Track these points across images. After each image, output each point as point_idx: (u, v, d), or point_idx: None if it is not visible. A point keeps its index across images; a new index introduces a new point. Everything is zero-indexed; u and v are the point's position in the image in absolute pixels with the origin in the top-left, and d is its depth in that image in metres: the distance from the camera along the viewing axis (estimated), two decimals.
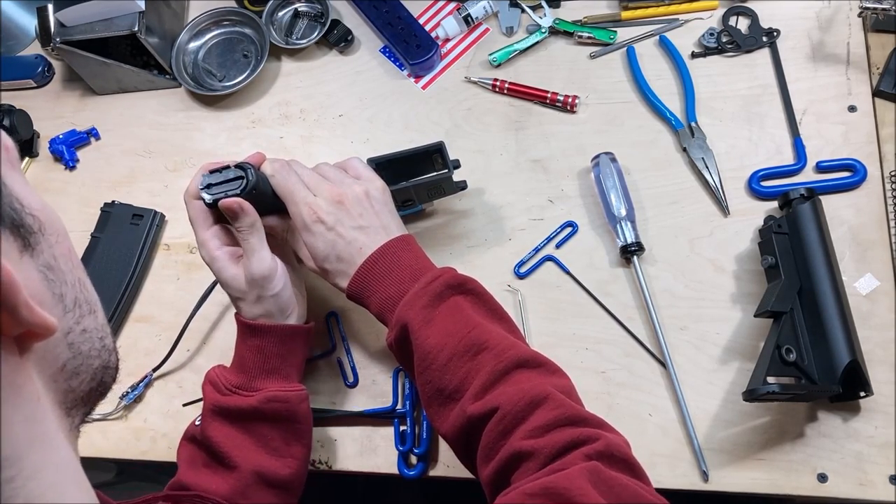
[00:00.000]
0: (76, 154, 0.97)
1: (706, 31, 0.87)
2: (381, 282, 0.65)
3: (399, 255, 0.65)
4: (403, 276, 0.64)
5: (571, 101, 0.86)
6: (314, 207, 0.66)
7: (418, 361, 0.61)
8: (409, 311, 0.62)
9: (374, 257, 0.65)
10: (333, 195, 0.67)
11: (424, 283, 0.62)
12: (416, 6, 0.96)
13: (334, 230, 0.66)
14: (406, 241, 0.67)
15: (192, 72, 0.98)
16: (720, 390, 0.72)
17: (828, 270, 0.69)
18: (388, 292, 0.64)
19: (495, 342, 0.59)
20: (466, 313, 0.61)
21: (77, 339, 0.38)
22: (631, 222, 0.78)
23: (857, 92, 0.82)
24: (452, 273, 0.64)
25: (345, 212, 0.66)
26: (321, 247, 0.66)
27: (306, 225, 0.66)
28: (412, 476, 0.73)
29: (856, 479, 0.67)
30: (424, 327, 0.61)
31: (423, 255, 0.67)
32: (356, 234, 0.66)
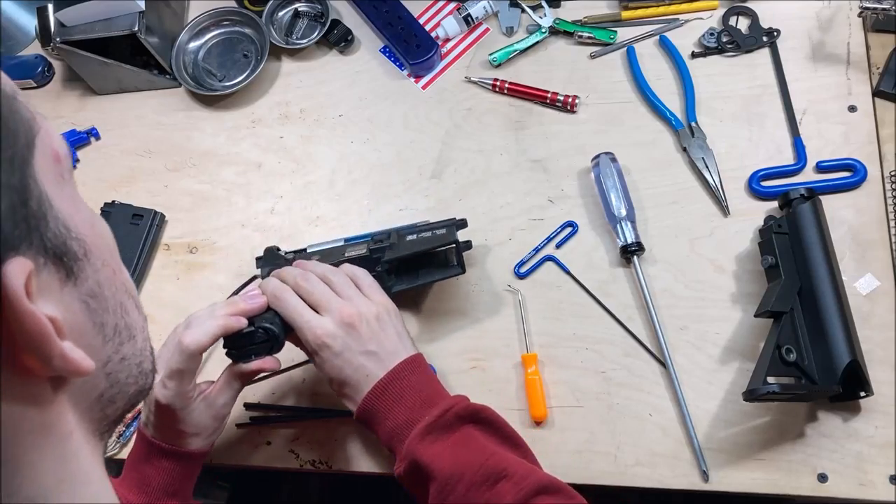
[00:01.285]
0: (76, 154, 0.97)
1: (706, 31, 0.87)
2: (391, 410, 0.62)
3: (407, 381, 0.63)
4: (413, 403, 0.62)
5: (571, 101, 0.86)
6: (319, 332, 0.63)
7: (433, 497, 0.58)
8: (418, 445, 0.59)
9: (381, 385, 0.62)
10: (344, 316, 0.63)
11: (435, 416, 0.60)
12: (416, 6, 0.96)
13: (341, 356, 0.63)
14: (415, 364, 0.64)
15: (192, 72, 0.98)
16: (720, 390, 0.72)
17: (828, 270, 0.69)
18: (396, 421, 0.61)
19: (513, 469, 0.57)
20: (479, 442, 0.59)
21: (115, 368, 0.37)
22: (631, 222, 0.78)
23: (857, 92, 0.82)
24: (464, 403, 0.62)
25: (354, 336, 0.63)
26: (328, 371, 0.64)
27: (313, 350, 0.64)
28: None
29: (856, 479, 0.67)
30: (437, 460, 0.58)
31: (432, 378, 0.65)
32: (363, 360, 0.63)
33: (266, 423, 0.78)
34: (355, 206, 0.88)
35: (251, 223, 0.88)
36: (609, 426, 0.72)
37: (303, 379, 0.80)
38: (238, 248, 0.87)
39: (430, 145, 0.89)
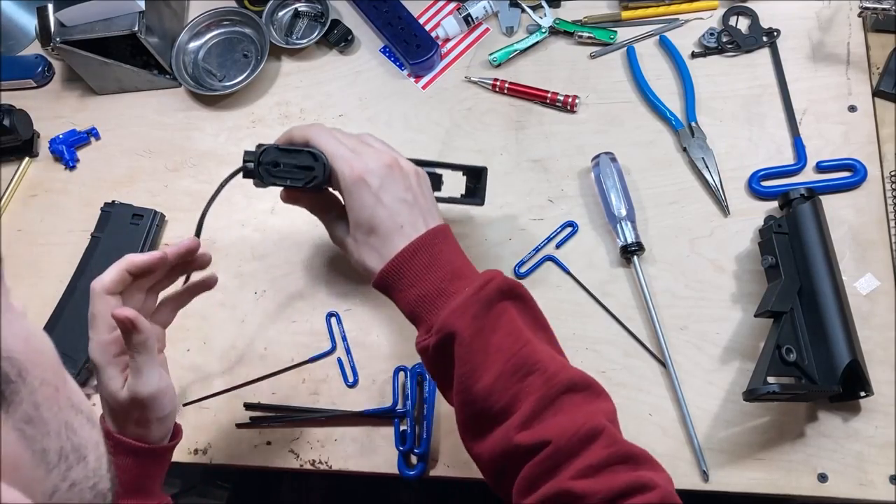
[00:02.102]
0: (76, 154, 0.97)
1: (706, 31, 0.87)
2: (421, 277, 0.58)
3: (440, 247, 0.59)
4: (444, 271, 0.58)
5: (571, 101, 0.86)
6: (357, 165, 0.59)
7: (460, 377, 0.55)
8: (458, 319, 0.55)
9: (414, 246, 0.58)
10: (383, 157, 0.60)
11: (476, 288, 0.56)
12: (416, 6, 0.96)
13: (377, 195, 0.59)
14: (446, 233, 0.61)
15: (192, 72, 0.98)
16: (720, 390, 0.72)
17: (828, 270, 0.69)
18: (426, 289, 0.58)
19: (545, 363, 0.54)
20: (516, 325, 0.56)
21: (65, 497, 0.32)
22: (631, 222, 0.78)
23: (857, 92, 0.82)
24: (502, 277, 0.58)
25: (392, 178, 0.60)
26: (357, 210, 0.59)
27: (347, 184, 0.59)
28: (412, 476, 0.73)
29: (856, 479, 0.67)
30: (475, 339, 0.55)
31: (461, 250, 0.62)
32: (400, 207, 0.59)
33: (266, 423, 0.78)
34: None
35: (251, 223, 0.88)
36: None
37: (303, 379, 0.80)
38: (238, 248, 0.87)
39: (430, 145, 0.89)
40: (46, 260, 0.91)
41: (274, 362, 0.81)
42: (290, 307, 0.83)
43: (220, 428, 0.79)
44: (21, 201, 0.96)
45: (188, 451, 0.78)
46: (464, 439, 0.58)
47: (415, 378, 0.76)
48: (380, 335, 0.80)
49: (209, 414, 0.80)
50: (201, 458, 0.78)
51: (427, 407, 0.75)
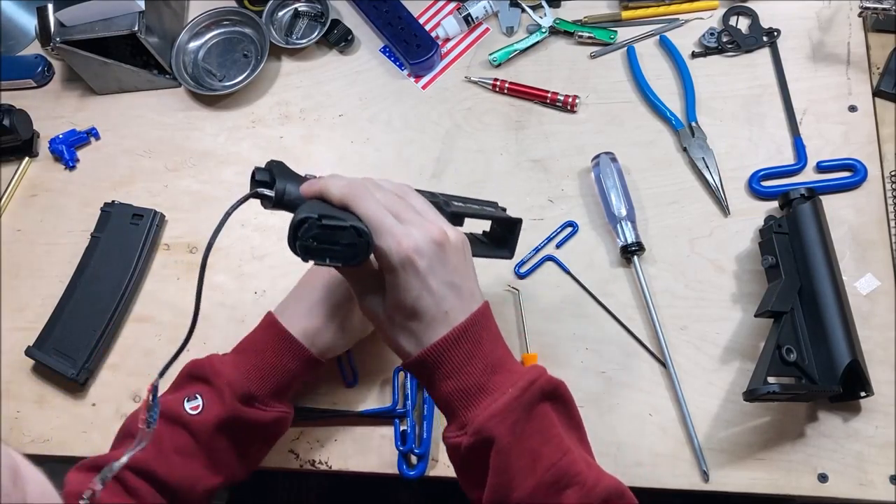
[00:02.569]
0: (76, 154, 0.97)
1: (706, 31, 0.87)
2: (460, 368, 0.54)
3: (482, 334, 0.55)
4: (484, 365, 0.54)
5: (571, 101, 0.86)
6: (406, 244, 0.52)
7: (495, 486, 0.53)
8: (499, 424, 0.52)
9: (456, 334, 0.54)
10: (432, 232, 0.53)
11: (520, 390, 0.53)
12: (416, 6, 0.96)
13: (424, 280, 0.53)
14: (487, 315, 0.57)
15: (192, 72, 0.98)
16: (720, 390, 0.72)
17: (828, 270, 0.69)
18: (465, 382, 0.54)
19: (584, 475, 0.52)
20: (556, 430, 0.54)
21: None
22: (631, 222, 0.78)
23: (857, 92, 0.82)
24: (546, 376, 0.55)
25: (441, 259, 0.54)
26: (400, 293, 0.53)
27: (392, 263, 0.52)
28: (412, 476, 0.73)
29: (856, 479, 0.67)
30: (514, 447, 0.52)
31: (500, 335, 0.58)
32: (446, 291, 0.54)
33: None
34: None
35: (251, 223, 0.88)
36: (609, 426, 0.72)
37: None
38: (238, 248, 0.87)
39: (430, 145, 0.89)
40: (46, 260, 0.91)
41: None
42: None
43: None
44: (21, 201, 0.96)
45: None
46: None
47: (414, 378, 0.76)
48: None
49: None
50: None
51: (427, 407, 0.75)
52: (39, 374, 0.84)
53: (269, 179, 0.54)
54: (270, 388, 0.65)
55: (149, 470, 0.61)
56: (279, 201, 0.54)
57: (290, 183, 0.55)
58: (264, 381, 0.65)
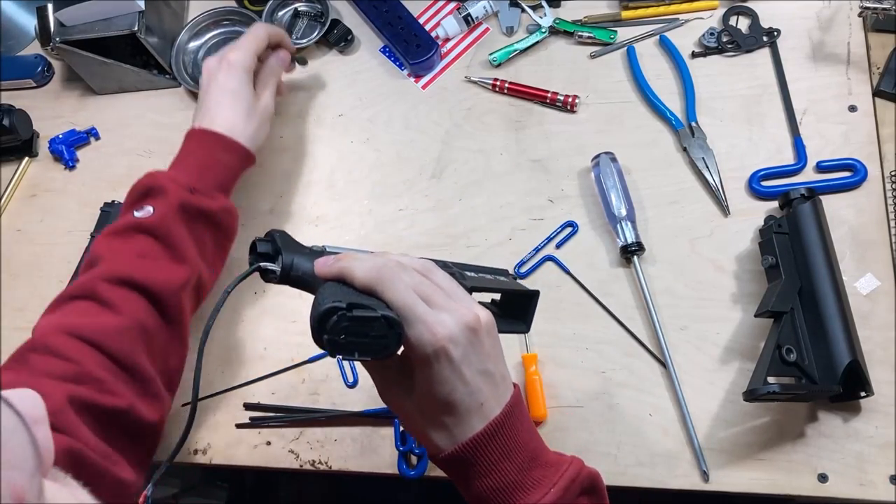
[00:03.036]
0: (76, 154, 0.97)
1: (706, 31, 0.87)
2: (497, 465, 0.50)
3: (517, 426, 0.51)
4: (523, 461, 0.51)
5: (571, 100, 0.86)
6: (441, 332, 0.48)
7: None
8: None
9: (492, 428, 0.50)
10: (466, 317, 0.49)
11: (562, 490, 0.50)
12: (416, 6, 0.96)
13: (458, 370, 0.48)
14: (520, 403, 0.53)
15: (192, 72, 0.98)
16: (720, 390, 0.72)
17: (828, 270, 0.69)
18: (503, 480, 0.50)
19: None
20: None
21: None
22: (631, 222, 0.78)
23: (857, 92, 0.82)
24: (586, 471, 0.53)
25: (475, 346, 0.49)
26: (434, 385, 0.49)
27: (425, 354, 0.48)
28: (412, 476, 0.73)
29: (856, 479, 0.67)
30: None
31: (531, 421, 0.54)
32: (481, 381, 0.50)
33: (266, 423, 0.78)
34: (355, 206, 0.88)
35: (251, 223, 0.88)
36: (609, 426, 0.72)
37: (302, 379, 0.80)
38: (238, 248, 0.87)
39: (430, 145, 0.89)
40: (46, 260, 0.91)
41: (274, 362, 0.81)
42: (290, 307, 0.83)
43: (219, 428, 0.79)
44: (21, 201, 0.96)
45: (188, 451, 0.78)
46: None
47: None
48: None
49: (209, 414, 0.80)
50: (201, 458, 0.78)
51: None
52: None
53: (271, 251, 0.51)
54: (212, 182, 0.73)
55: (123, 275, 0.65)
56: (286, 277, 0.51)
57: (297, 256, 0.51)
58: (204, 175, 0.73)
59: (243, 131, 0.76)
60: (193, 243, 0.70)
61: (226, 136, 0.75)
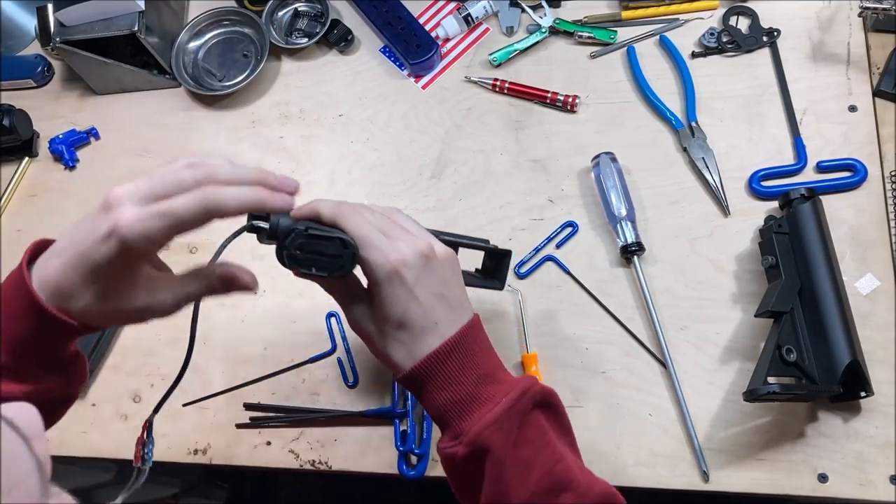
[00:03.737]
0: (76, 154, 0.97)
1: (706, 31, 0.87)
2: (453, 380, 0.54)
3: (473, 346, 0.56)
4: (478, 374, 0.55)
5: (571, 100, 0.86)
6: (393, 257, 0.53)
7: (492, 494, 0.53)
8: (494, 434, 0.52)
9: (447, 347, 0.54)
10: (419, 245, 0.54)
11: (513, 400, 0.53)
12: (416, 6, 0.96)
13: (412, 291, 0.53)
14: (478, 327, 0.57)
15: (192, 72, 0.98)
16: (720, 390, 0.72)
17: (828, 270, 0.69)
18: (458, 393, 0.54)
19: (578, 480, 0.53)
20: (549, 438, 0.55)
21: None
22: (631, 222, 0.78)
23: (857, 92, 0.82)
24: (538, 386, 0.56)
25: (429, 270, 0.54)
26: (389, 305, 0.54)
27: (380, 276, 0.53)
28: (412, 476, 0.73)
29: (856, 479, 0.67)
30: (508, 456, 0.52)
31: (490, 344, 0.58)
32: (435, 302, 0.54)
33: (266, 423, 0.78)
34: None
35: None
36: (609, 426, 0.72)
37: (303, 379, 0.80)
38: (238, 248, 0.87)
39: (430, 145, 0.89)
40: None
41: (274, 362, 0.81)
42: (290, 307, 0.83)
43: (219, 428, 0.79)
44: (21, 201, 0.96)
45: (188, 451, 0.78)
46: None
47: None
48: None
49: (209, 414, 0.80)
50: (201, 458, 0.78)
51: None
52: None
53: (264, 215, 0.54)
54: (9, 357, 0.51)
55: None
56: (273, 233, 0.53)
57: (283, 217, 0.54)
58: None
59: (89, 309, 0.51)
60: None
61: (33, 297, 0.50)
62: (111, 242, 0.49)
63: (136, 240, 0.48)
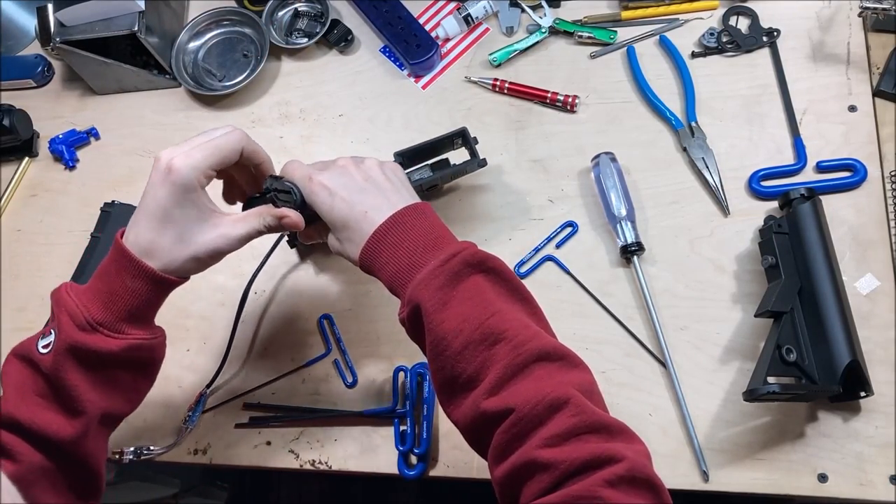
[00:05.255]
0: (76, 154, 0.97)
1: (706, 31, 0.87)
2: (393, 252, 0.60)
3: (413, 222, 0.61)
4: (416, 245, 0.59)
5: (571, 101, 0.86)
6: (316, 177, 0.63)
7: (431, 345, 0.57)
8: (423, 290, 0.57)
9: (386, 225, 0.60)
10: (338, 161, 0.65)
11: (441, 261, 0.57)
12: (416, 6, 0.96)
13: (337, 195, 0.62)
14: (421, 209, 0.62)
15: (192, 72, 0.98)
16: (720, 390, 0.72)
17: (828, 270, 0.69)
18: (399, 264, 0.59)
19: (514, 332, 0.54)
20: (486, 296, 0.56)
21: None
22: (631, 222, 0.78)
23: (857, 92, 0.82)
24: (472, 249, 0.59)
25: (347, 174, 0.63)
26: (325, 214, 0.63)
27: (307, 194, 0.63)
28: (412, 476, 0.73)
29: (856, 479, 0.67)
30: (439, 310, 0.56)
31: (439, 223, 0.62)
32: (360, 196, 0.62)
33: (266, 423, 0.78)
34: None
35: None
36: None
37: (303, 379, 0.80)
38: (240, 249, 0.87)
39: None
40: (46, 260, 0.91)
41: (274, 362, 0.81)
42: (290, 307, 0.83)
43: (219, 428, 0.79)
44: (21, 201, 0.96)
45: (188, 451, 0.78)
46: (442, 404, 0.58)
47: (414, 378, 0.76)
48: (380, 335, 0.80)
49: (209, 414, 0.80)
50: (201, 458, 0.78)
51: (427, 407, 0.75)
52: None
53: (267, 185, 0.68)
54: (120, 313, 0.59)
55: (13, 419, 0.57)
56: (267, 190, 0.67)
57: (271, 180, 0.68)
58: (110, 306, 0.59)
59: (167, 255, 0.60)
60: (94, 386, 0.60)
61: (138, 261, 0.59)
62: (168, 181, 0.59)
63: (187, 170, 0.59)
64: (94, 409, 0.60)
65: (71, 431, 0.58)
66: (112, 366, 0.60)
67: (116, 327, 0.60)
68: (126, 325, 0.60)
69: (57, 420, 0.58)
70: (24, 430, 0.58)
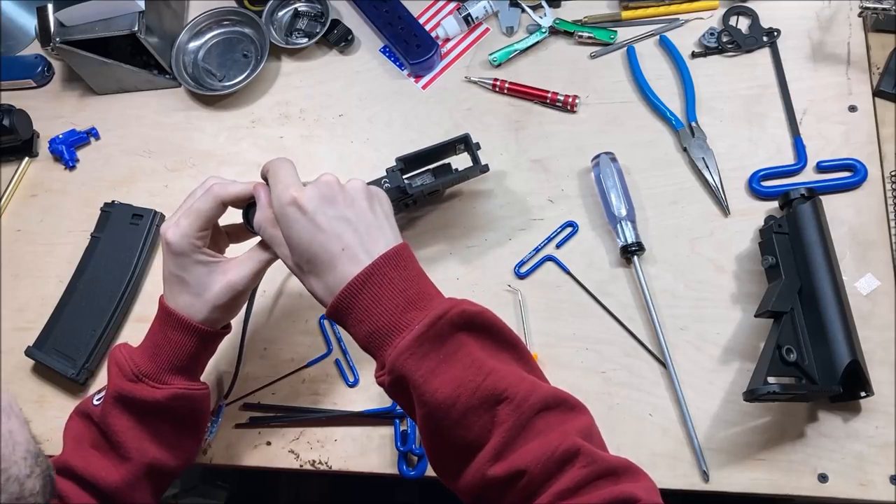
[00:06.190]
0: (76, 154, 0.97)
1: (706, 31, 0.87)
2: (370, 309, 0.54)
3: (392, 274, 0.55)
4: (396, 304, 0.54)
5: (571, 101, 0.86)
6: (293, 190, 0.57)
7: (425, 417, 0.53)
8: (408, 360, 0.52)
9: (363, 277, 0.54)
10: (322, 182, 0.58)
11: (426, 325, 0.52)
12: (416, 6, 0.96)
13: (313, 219, 0.55)
14: (401, 257, 0.56)
15: (192, 72, 0.98)
16: (720, 390, 0.72)
17: (828, 270, 0.69)
18: (377, 323, 0.54)
19: (514, 389, 0.51)
20: (476, 355, 0.53)
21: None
22: (631, 222, 0.78)
23: (857, 92, 0.82)
24: (457, 310, 0.53)
25: (330, 199, 0.56)
26: (294, 238, 0.56)
27: (278, 208, 0.57)
28: (412, 476, 0.73)
29: (856, 479, 0.67)
30: (430, 380, 0.52)
31: (419, 272, 0.57)
32: (340, 226, 0.55)
33: (266, 423, 0.78)
34: None
35: None
36: (609, 426, 0.72)
37: (303, 379, 0.80)
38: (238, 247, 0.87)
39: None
40: (46, 260, 0.91)
41: (274, 362, 0.81)
42: (290, 307, 0.83)
43: (220, 428, 0.79)
44: (21, 201, 0.96)
45: None
46: (439, 475, 0.56)
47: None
48: None
49: None
50: (201, 458, 0.78)
51: None
52: (39, 375, 0.85)
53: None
54: (163, 365, 0.64)
55: (68, 467, 0.62)
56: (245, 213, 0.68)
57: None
58: (155, 358, 0.64)
59: (194, 311, 0.64)
60: (140, 434, 0.64)
61: (177, 314, 0.64)
62: (169, 253, 0.63)
63: (178, 240, 0.62)
64: (140, 456, 0.64)
65: (118, 477, 0.62)
66: (156, 414, 0.64)
67: (160, 378, 0.64)
68: (170, 375, 0.64)
69: (106, 466, 0.63)
70: (77, 476, 0.62)
